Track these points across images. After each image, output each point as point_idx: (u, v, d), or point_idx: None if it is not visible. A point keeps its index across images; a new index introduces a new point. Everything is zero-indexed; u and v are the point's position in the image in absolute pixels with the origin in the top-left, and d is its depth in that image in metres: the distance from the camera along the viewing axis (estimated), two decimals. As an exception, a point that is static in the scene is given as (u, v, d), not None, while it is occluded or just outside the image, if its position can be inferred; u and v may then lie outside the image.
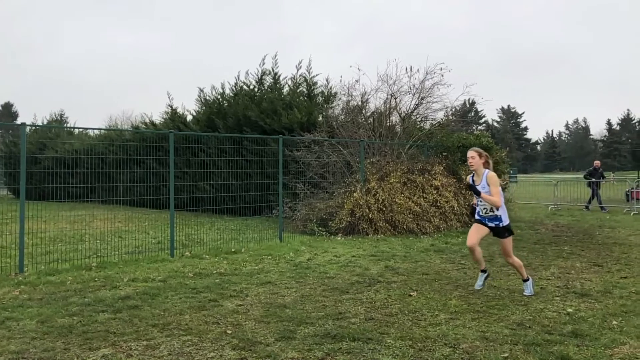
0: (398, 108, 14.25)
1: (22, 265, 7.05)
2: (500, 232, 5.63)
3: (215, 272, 7.02)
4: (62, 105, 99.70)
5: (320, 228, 10.76)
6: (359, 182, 11.43)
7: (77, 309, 5.13)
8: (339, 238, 10.25)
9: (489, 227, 5.66)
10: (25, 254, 7.33)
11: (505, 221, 5.62)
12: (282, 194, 10.51)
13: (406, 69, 14.54)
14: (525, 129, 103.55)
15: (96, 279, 6.52)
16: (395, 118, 14.52)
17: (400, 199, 10.97)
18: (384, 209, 10.81)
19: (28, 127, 10.06)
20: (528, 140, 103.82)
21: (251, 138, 14.15)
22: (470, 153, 5.73)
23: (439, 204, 11.41)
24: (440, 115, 14.90)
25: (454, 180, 12.31)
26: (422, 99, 14.05)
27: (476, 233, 5.68)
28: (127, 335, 4.34)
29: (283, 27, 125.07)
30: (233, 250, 8.75)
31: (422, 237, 10.39)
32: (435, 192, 11.57)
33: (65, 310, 5.08)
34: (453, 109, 15.85)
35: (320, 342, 4.13)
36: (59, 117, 31.71)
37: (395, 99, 14.00)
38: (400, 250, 8.73)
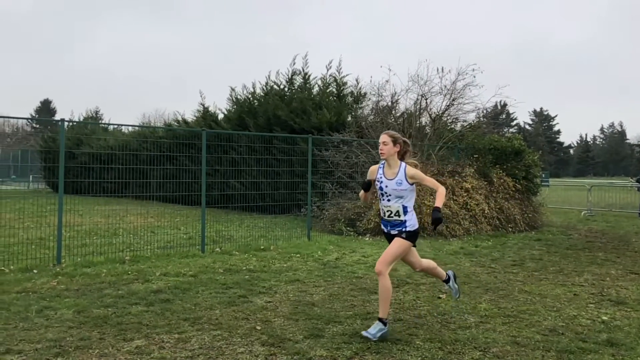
0: (428, 109, 14.15)
1: (60, 256, 7.28)
2: (403, 235, 4.35)
3: (244, 268, 7.11)
4: (97, 103, 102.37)
5: (348, 228, 10.77)
6: (388, 183, 11.36)
7: (112, 301, 5.27)
8: (367, 239, 10.23)
9: (392, 236, 4.41)
10: (63, 246, 7.56)
11: (412, 227, 4.33)
12: (310, 193, 10.56)
13: (437, 69, 14.47)
14: (558, 132, 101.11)
15: (129, 272, 6.68)
16: (425, 119, 14.43)
17: (429, 201, 10.86)
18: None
19: (66, 123, 10.32)
20: (561, 143, 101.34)
21: (281, 137, 14.25)
22: (383, 137, 4.36)
23: (469, 207, 11.27)
24: (471, 117, 14.74)
25: (485, 183, 12.14)
26: (453, 100, 13.92)
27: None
28: (159, 328, 4.44)
29: (313, 27, 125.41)
30: (262, 247, 8.84)
31: (451, 239, 10.28)
32: (465, 194, 11.43)
33: (100, 302, 5.24)
34: (484, 111, 15.63)
35: (348, 341, 4.15)
36: (94, 114, 32.55)
37: (426, 99, 13.91)
38: (429, 253, 8.65)
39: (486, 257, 8.32)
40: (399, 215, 4.31)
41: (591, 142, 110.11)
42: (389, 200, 4.32)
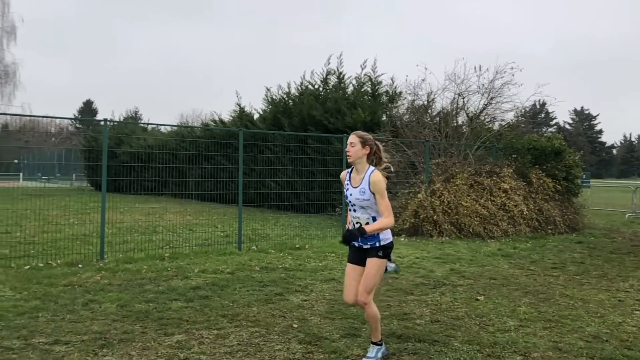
0: (466, 108, 13.94)
1: (103, 252, 7.53)
2: (372, 251, 3.70)
3: (280, 266, 7.19)
4: (137, 103, 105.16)
5: (383, 228, 10.71)
6: (423, 183, 11.28)
7: (153, 296, 5.42)
8: (402, 239, 10.17)
9: (363, 255, 3.75)
10: (105, 242, 7.82)
11: (386, 240, 3.71)
12: (345, 192, 10.56)
13: (475, 68, 14.17)
14: (600, 131, 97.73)
15: (169, 269, 6.85)
16: (462, 118, 14.23)
17: (466, 202, 10.72)
18: (449, 211, 10.60)
19: (108, 123, 10.67)
20: (602, 143, 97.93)
21: (315, 137, 14.30)
22: (351, 138, 3.80)
23: (507, 208, 11.05)
24: (510, 116, 14.44)
25: (524, 183, 11.87)
26: (491, 99, 13.69)
27: (354, 283, 3.76)
28: (198, 324, 4.54)
29: (349, 27, 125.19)
30: (297, 246, 8.91)
31: (488, 241, 10.10)
32: (503, 195, 11.21)
33: (142, 297, 5.39)
34: (523, 110, 15.28)
35: (385, 340, 4.13)
36: (133, 114, 33.47)
37: (463, 98, 13.71)
38: (466, 254, 8.54)
39: (525, 259, 8.14)
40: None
41: (635, 141, 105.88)
42: (355, 210, 3.76)
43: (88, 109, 73.76)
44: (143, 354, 3.82)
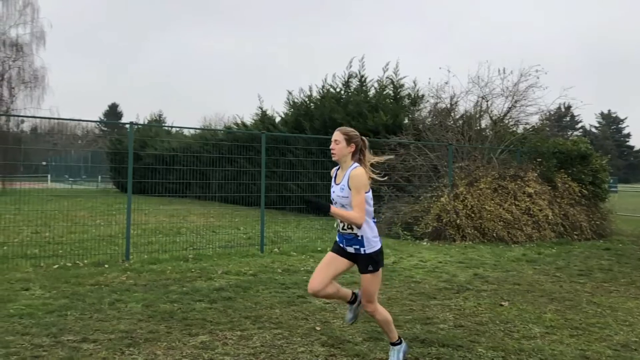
0: (489, 111, 13.79)
1: (129, 253, 7.67)
2: (360, 262, 3.60)
3: (302, 269, 7.21)
4: (160, 106, 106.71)
5: (405, 232, 10.67)
6: (446, 186, 11.19)
7: (177, 297, 5.49)
8: (425, 243, 10.10)
9: (348, 254, 3.65)
10: (131, 243, 7.95)
11: (372, 247, 3.55)
12: (367, 196, 10.54)
13: (499, 70, 14.04)
14: (628, 135, 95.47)
15: (192, 270, 6.94)
16: (486, 121, 14.08)
17: (490, 206, 10.60)
18: (473, 215, 10.50)
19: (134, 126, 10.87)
20: (631, 147, 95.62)
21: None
22: (335, 135, 3.66)
23: (531, 212, 10.89)
24: (534, 119, 14.22)
25: (549, 187, 11.69)
26: (515, 102, 13.51)
27: (325, 270, 3.65)
28: (222, 325, 4.58)
29: (370, 30, 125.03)
30: (319, 249, 8.92)
31: (512, 246, 9.96)
32: (528, 199, 11.05)
33: (167, 297, 5.47)
34: (548, 113, 15.04)
35: (409, 345, 4.12)
36: (157, 117, 33.97)
37: (487, 101, 13.57)
38: (489, 259, 8.44)
39: (550, 265, 8.01)
40: (352, 228, 3.54)
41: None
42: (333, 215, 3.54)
43: (113, 112, 75.17)
44: (168, 353, 3.88)
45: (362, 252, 3.55)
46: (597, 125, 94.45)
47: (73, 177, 32.49)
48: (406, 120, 14.79)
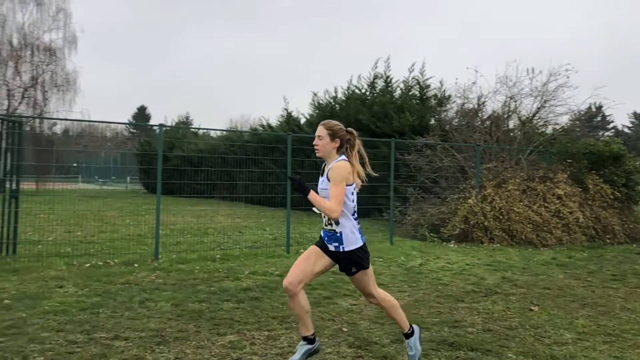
0: (518, 111, 13.58)
1: (157, 253, 7.81)
2: (342, 263, 3.49)
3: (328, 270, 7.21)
4: (188, 108, 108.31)
5: (431, 234, 10.58)
6: (474, 188, 11.05)
7: (205, 296, 5.57)
8: (452, 245, 9.99)
9: (329, 253, 3.52)
10: (160, 243, 8.09)
11: (351, 244, 3.42)
12: (393, 197, 10.50)
13: (527, 70, 13.81)
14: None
15: (220, 270, 7.02)
16: (514, 122, 13.87)
17: (518, 208, 10.42)
18: (501, 217, 10.34)
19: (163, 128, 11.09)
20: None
21: (362, 141, 14.27)
22: (318, 130, 3.56)
23: (561, 215, 10.66)
24: (564, 120, 13.94)
25: (580, 189, 11.42)
26: (544, 102, 13.27)
27: (302, 264, 3.50)
28: (250, 325, 4.62)
29: (395, 30, 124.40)
30: (344, 250, 8.90)
31: (542, 249, 9.78)
32: (557, 201, 10.83)
33: (195, 297, 5.54)
34: (578, 113, 14.72)
35: (436, 348, 4.09)
36: (185, 119, 34.47)
37: (515, 101, 13.36)
38: (518, 262, 8.30)
39: (582, 270, 7.82)
40: (331, 224, 3.43)
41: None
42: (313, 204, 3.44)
43: (142, 114, 76.53)
44: (197, 352, 3.93)
45: (342, 250, 3.42)
46: (630, 125, 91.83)
47: (102, 178, 33.21)
48: (432, 121, 14.68)
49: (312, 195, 3.36)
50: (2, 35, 28.10)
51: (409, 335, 3.65)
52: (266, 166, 15.73)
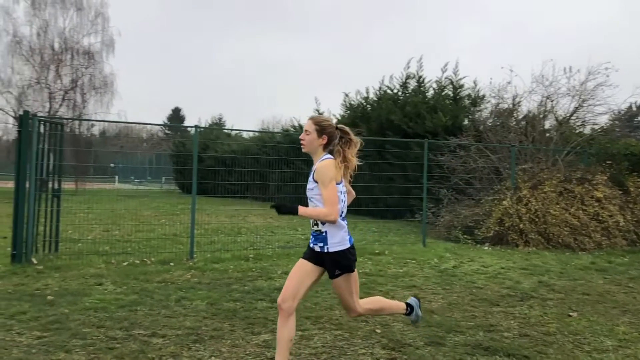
0: (554, 111, 13.23)
1: (192, 252, 7.95)
2: (327, 265, 3.33)
3: (360, 271, 7.19)
4: (220, 109, 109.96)
5: (465, 236, 10.42)
6: (508, 189, 10.84)
7: (239, 296, 5.64)
8: (486, 247, 9.83)
9: (316, 257, 3.37)
10: (195, 243, 8.24)
11: (336, 245, 3.26)
12: (426, 199, 10.40)
13: (564, 69, 13.40)
14: None
15: (253, 270, 7.10)
16: (550, 122, 13.52)
17: (555, 210, 10.16)
18: (537, 219, 10.10)
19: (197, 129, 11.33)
20: None
21: (394, 142, 14.20)
22: (306, 124, 3.38)
23: (600, 218, 10.34)
24: (603, 120, 13.49)
25: (620, 192, 11.06)
26: (582, 101, 12.88)
27: (295, 276, 3.38)
28: (283, 324, 4.66)
29: (429, 31, 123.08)
30: (377, 251, 8.88)
31: (579, 253, 9.51)
32: (596, 204, 10.51)
33: (229, 296, 5.62)
34: (618, 113, 14.23)
35: (471, 352, 4.04)
36: (218, 120, 34.98)
37: (552, 101, 13.02)
38: (555, 266, 8.10)
39: (622, 275, 7.58)
40: (317, 224, 3.29)
41: None
42: (308, 204, 3.34)
43: (176, 115, 78.03)
44: (232, 351, 3.99)
45: (326, 251, 3.25)
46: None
47: (138, 178, 34.05)
48: (466, 121, 14.48)
49: (302, 210, 3.20)
50: (45, 39, 29.20)
51: (409, 314, 3.83)
52: (298, 167, 15.80)
